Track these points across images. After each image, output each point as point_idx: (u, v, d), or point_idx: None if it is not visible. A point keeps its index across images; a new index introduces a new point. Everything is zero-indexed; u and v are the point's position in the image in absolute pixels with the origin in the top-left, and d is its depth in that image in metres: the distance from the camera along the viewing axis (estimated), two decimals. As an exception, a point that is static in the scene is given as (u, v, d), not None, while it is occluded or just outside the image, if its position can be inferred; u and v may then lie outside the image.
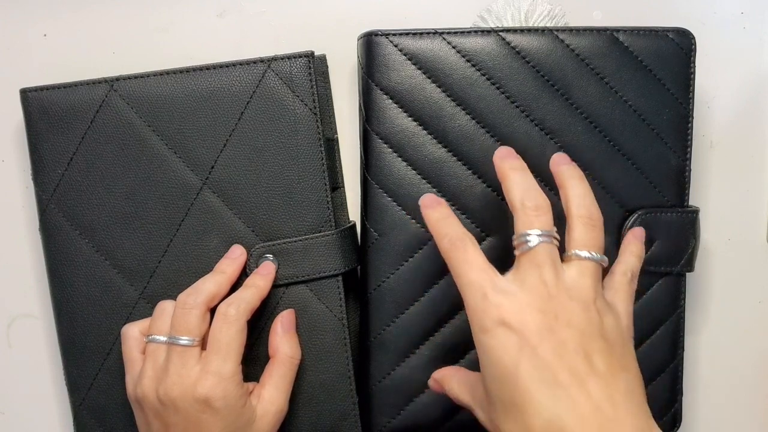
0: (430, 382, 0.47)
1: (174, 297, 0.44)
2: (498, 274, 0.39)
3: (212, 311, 0.44)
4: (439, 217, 0.42)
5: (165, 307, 0.45)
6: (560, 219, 0.41)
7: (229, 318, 0.43)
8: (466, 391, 0.42)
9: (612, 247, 0.48)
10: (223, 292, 0.45)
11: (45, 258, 0.48)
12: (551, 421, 0.35)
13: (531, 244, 0.38)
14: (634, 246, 0.45)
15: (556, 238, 0.39)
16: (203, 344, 0.43)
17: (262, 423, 0.43)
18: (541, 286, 0.38)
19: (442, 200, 0.42)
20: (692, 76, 0.48)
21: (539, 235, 0.38)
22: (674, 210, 0.48)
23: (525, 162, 0.43)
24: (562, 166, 0.42)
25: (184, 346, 0.42)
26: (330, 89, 0.50)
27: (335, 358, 0.48)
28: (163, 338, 0.43)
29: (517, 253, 0.39)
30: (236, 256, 0.47)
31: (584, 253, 0.39)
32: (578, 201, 0.41)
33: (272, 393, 0.44)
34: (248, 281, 0.46)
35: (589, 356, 0.36)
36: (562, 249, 0.40)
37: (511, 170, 0.41)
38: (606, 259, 0.40)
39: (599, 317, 0.38)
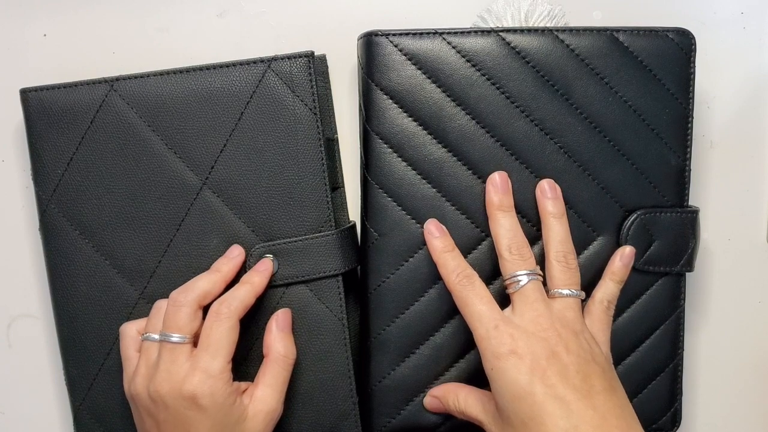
0: (428, 399, 0.47)
1: (173, 297, 0.44)
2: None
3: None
4: (444, 248, 0.46)
5: (161, 305, 0.45)
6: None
7: (221, 315, 0.43)
8: (477, 406, 0.44)
9: (610, 249, 0.48)
10: (217, 290, 0.45)
11: (45, 258, 0.48)
12: (568, 431, 0.39)
13: (522, 283, 0.44)
14: (617, 268, 0.47)
15: (540, 275, 0.45)
16: (196, 342, 0.43)
17: (253, 422, 0.43)
18: (539, 318, 0.43)
19: (445, 230, 0.46)
20: (692, 76, 0.48)
21: (527, 274, 0.44)
22: (674, 210, 0.48)
23: (523, 160, 0.47)
24: (547, 201, 0.47)
25: (175, 343, 0.42)
26: (330, 89, 0.50)
27: (335, 358, 0.48)
28: (156, 336, 0.44)
29: (509, 291, 0.44)
30: (234, 255, 0.46)
31: (565, 291, 0.45)
32: (557, 246, 0.46)
33: (265, 392, 0.44)
34: (244, 278, 0.46)
35: (588, 377, 0.41)
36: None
37: (499, 211, 0.46)
38: (583, 293, 0.45)
39: (588, 345, 0.43)
